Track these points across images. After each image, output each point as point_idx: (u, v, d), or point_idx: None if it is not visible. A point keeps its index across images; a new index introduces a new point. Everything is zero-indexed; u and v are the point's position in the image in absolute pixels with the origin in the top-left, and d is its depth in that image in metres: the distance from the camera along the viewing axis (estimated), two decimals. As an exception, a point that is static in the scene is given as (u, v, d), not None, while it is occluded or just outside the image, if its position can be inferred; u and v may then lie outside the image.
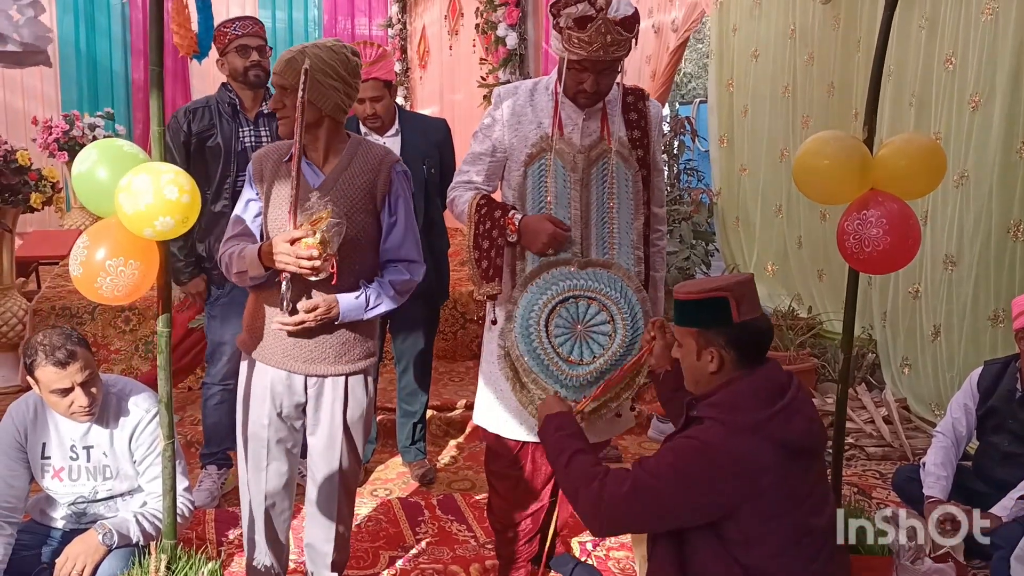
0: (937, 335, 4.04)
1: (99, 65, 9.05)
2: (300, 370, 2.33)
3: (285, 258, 2.12)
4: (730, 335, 1.91)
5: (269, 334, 2.31)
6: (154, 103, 1.91)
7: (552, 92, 2.45)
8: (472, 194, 2.48)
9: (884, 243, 2.27)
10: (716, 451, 1.83)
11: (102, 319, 4.49)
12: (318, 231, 2.11)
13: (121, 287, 1.90)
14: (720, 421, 1.86)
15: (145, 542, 2.34)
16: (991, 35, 3.69)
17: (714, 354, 1.92)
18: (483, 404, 2.60)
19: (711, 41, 5.98)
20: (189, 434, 3.85)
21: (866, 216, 2.30)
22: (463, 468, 3.83)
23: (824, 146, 2.33)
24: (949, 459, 2.95)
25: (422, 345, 3.63)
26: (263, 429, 2.37)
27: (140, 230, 1.86)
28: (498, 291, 2.44)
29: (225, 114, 3.20)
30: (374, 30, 9.99)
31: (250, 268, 2.20)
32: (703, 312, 1.93)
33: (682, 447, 1.88)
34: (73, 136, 6.74)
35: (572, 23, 2.23)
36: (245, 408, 2.39)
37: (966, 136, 3.83)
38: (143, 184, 1.81)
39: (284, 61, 2.19)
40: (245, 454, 2.41)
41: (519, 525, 2.63)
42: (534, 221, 2.38)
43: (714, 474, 1.82)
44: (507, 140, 2.47)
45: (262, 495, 2.42)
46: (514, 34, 6.75)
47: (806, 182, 2.39)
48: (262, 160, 2.32)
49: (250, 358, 2.37)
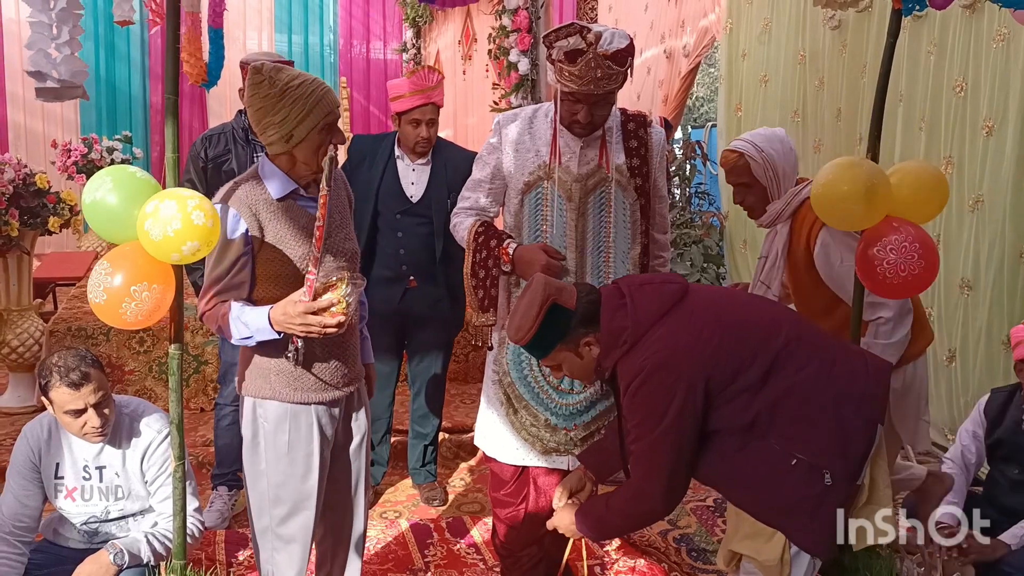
0: (952, 359, 4.02)
1: (118, 89, 9.20)
2: (342, 393, 2.28)
3: (310, 329, 2.04)
4: (580, 321, 2.01)
5: (312, 370, 2.20)
6: (169, 130, 1.95)
7: (551, 120, 2.44)
8: (472, 220, 2.51)
9: (920, 267, 2.25)
10: (654, 365, 1.91)
11: (117, 340, 4.54)
12: (340, 297, 2.04)
13: (144, 312, 1.92)
14: (623, 354, 1.96)
15: (156, 562, 2.36)
16: (1003, 60, 3.71)
17: (589, 342, 2.02)
18: (483, 427, 2.61)
19: (721, 66, 6.02)
20: (201, 455, 3.88)
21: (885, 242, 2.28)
22: (473, 491, 3.83)
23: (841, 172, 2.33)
24: (959, 485, 2.94)
25: (436, 370, 3.66)
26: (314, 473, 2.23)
27: (167, 256, 1.88)
28: (492, 322, 2.48)
29: (240, 140, 3.26)
30: (389, 55, 10.11)
31: (257, 335, 2.09)
32: (550, 329, 2.01)
33: (634, 403, 1.95)
34: (92, 159, 6.82)
35: (563, 56, 2.23)
36: (289, 460, 2.22)
37: (980, 161, 3.84)
38: (171, 210, 1.83)
39: None
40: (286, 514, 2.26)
41: (524, 551, 2.64)
42: (528, 252, 2.39)
43: (676, 375, 1.90)
44: (506, 166, 2.49)
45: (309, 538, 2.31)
46: (526, 60, 6.84)
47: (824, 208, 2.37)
48: (251, 206, 2.12)
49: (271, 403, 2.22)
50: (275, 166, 2.15)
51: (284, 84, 2.03)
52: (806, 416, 1.94)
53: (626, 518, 2.08)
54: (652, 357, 1.92)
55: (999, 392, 3.00)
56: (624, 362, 1.97)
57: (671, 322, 1.96)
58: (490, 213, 2.55)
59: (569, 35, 2.24)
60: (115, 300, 1.87)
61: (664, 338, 1.94)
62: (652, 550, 3.17)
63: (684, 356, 1.92)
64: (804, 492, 1.94)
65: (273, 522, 2.26)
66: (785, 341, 1.97)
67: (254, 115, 2.09)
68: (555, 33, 2.28)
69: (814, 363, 1.98)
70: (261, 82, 2.05)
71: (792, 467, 1.94)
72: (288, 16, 9.88)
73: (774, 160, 2.61)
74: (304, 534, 2.27)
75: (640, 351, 1.94)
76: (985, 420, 2.97)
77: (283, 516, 2.25)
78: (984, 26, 3.82)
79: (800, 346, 1.99)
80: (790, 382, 1.94)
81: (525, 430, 2.43)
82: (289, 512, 2.25)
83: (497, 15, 7.04)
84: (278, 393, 2.20)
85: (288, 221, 2.14)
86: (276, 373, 2.19)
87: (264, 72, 2.05)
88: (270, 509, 2.26)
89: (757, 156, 2.61)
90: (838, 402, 1.96)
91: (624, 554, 3.15)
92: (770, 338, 1.97)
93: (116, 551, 2.34)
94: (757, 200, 2.67)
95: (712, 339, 1.94)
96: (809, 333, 2.05)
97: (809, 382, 1.96)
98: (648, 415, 1.93)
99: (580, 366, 2.05)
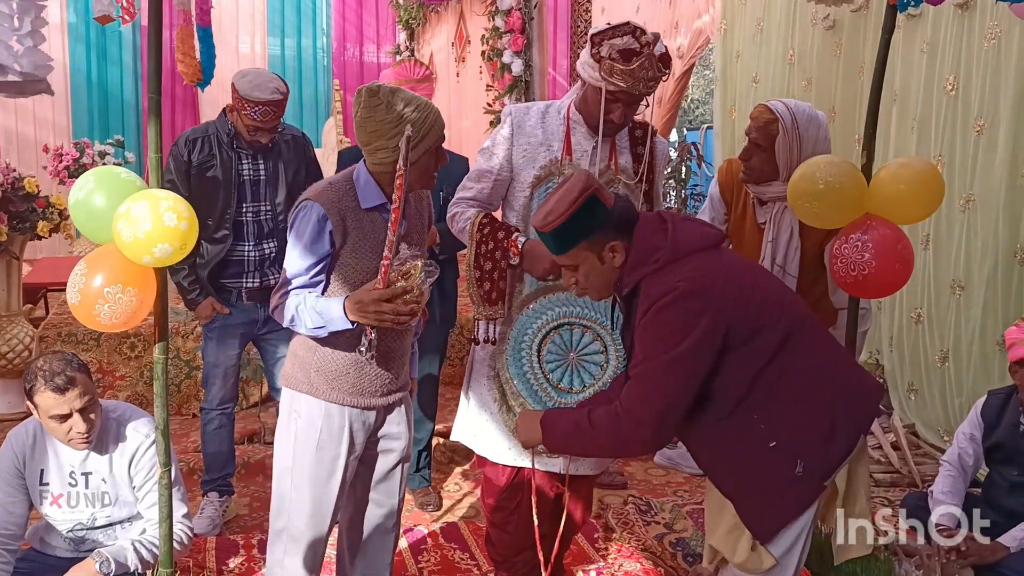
0: (945, 360, 4.00)
1: (110, 93, 9.16)
2: (381, 401, 2.30)
3: (384, 316, 2.06)
4: (613, 224, 1.94)
5: (352, 372, 2.23)
6: (151, 130, 1.92)
7: (564, 117, 2.45)
8: (474, 211, 2.46)
9: (871, 267, 2.28)
10: (687, 288, 1.85)
11: (107, 345, 4.50)
12: (414, 284, 2.07)
13: (119, 314, 1.90)
14: (654, 270, 1.89)
15: (143, 570, 2.33)
16: (995, 60, 3.69)
17: (615, 247, 1.93)
18: (471, 425, 2.57)
19: (716, 67, 6.01)
20: (192, 461, 3.84)
21: (855, 240, 2.31)
22: (468, 495, 3.80)
23: (818, 170, 2.35)
24: (957, 488, 2.92)
25: (432, 372, 3.63)
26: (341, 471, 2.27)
27: (139, 257, 1.86)
28: (501, 314, 2.42)
29: (224, 144, 3.18)
30: (382, 57, 10.09)
31: (329, 324, 2.11)
32: (581, 223, 1.92)
33: (655, 320, 1.87)
34: (83, 163, 6.78)
35: (617, 54, 2.25)
36: (317, 452, 2.24)
37: (971, 160, 3.83)
38: (142, 211, 1.81)
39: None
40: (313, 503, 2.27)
41: (519, 556, 2.60)
42: (538, 245, 2.36)
43: (705, 304, 1.84)
44: (516, 158, 2.46)
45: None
46: (520, 61, 6.82)
47: (801, 206, 2.40)
48: (341, 212, 2.15)
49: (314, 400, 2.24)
50: (371, 177, 2.17)
51: (400, 109, 2.05)
52: (798, 404, 1.92)
53: (606, 437, 1.94)
54: (686, 279, 1.86)
55: (995, 394, 2.98)
56: (652, 279, 1.90)
57: (708, 257, 1.93)
58: (492, 206, 2.52)
59: (623, 35, 2.26)
60: (89, 301, 1.85)
61: (701, 267, 1.89)
62: (648, 554, 3.15)
63: (718, 290, 1.87)
64: (773, 476, 1.92)
65: (291, 523, 2.27)
66: (800, 324, 1.95)
67: (365, 136, 2.10)
68: (607, 32, 2.28)
69: (820, 357, 1.96)
70: (378, 105, 2.06)
71: (769, 449, 1.91)
72: (281, 19, 9.84)
73: (801, 142, 2.57)
74: (318, 540, 2.27)
75: (673, 272, 1.88)
76: (982, 423, 2.94)
77: (302, 517, 2.25)
78: (976, 25, 3.80)
79: (812, 336, 1.97)
80: (794, 366, 1.91)
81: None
82: (309, 514, 2.25)
83: (490, 16, 7.03)
84: (315, 389, 2.22)
85: (371, 232, 2.16)
86: (317, 370, 2.22)
87: (381, 95, 2.06)
88: (289, 509, 2.27)
89: (789, 128, 2.57)
90: (833, 401, 1.94)
91: (620, 558, 3.13)
92: (789, 315, 1.95)
93: (102, 559, 2.31)
94: (763, 166, 2.63)
95: (745, 288, 1.91)
96: (820, 328, 2.04)
97: (811, 372, 1.93)
98: (667, 335, 1.85)
99: (598, 273, 1.97)
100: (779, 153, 2.58)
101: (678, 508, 3.47)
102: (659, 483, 3.91)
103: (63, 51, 8.73)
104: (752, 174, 2.66)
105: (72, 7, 8.84)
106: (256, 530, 3.39)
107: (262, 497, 3.63)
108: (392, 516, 2.44)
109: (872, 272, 2.29)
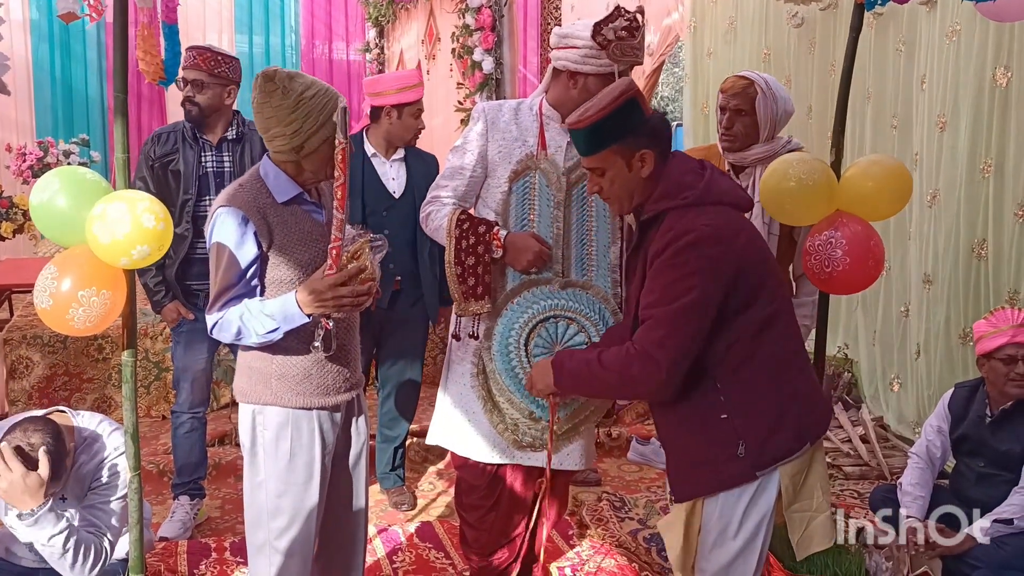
0: (919, 354, 4.06)
1: (74, 91, 9.00)
2: (345, 398, 2.22)
3: (343, 300, 1.99)
4: (647, 131, 1.93)
5: (315, 373, 2.15)
6: (118, 130, 1.89)
7: (536, 112, 2.46)
8: (450, 209, 2.45)
9: (844, 264, 2.31)
10: (711, 232, 1.84)
11: (75, 347, 4.43)
12: (365, 262, 2.01)
13: (93, 317, 1.87)
14: (681, 206, 1.89)
15: (75, 556, 2.26)
16: (955, 56, 3.74)
17: (645, 155, 1.92)
18: (449, 425, 2.55)
19: (686, 65, 6.03)
20: (163, 463, 3.79)
21: (828, 237, 2.34)
22: (442, 494, 3.79)
23: (790, 167, 2.37)
24: (925, 479, 2.96)
25: (412, 372, 3.62)
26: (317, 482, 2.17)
27: (116, 259, 1.82)
28: (488, 309, 2.40)
29: (188, 139, 3.17)
30: (352, 55, 10.01)
31: (284, 324, 2.01)
32: (617, 123, 1.91)
33: (674, 260, 1.85)
34: (47, 163, 6.68)
35: (624, 32, 2.29)
36: (290, 469, 2.15)
37: (936, 157, 3.88)
38: (119, 212, 1.78)
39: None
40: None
41: (495, 555, 2.60)
42: (520, 238, 2.37)
43: (725, 254, 1.84)
44: (491, 155, 2.46)
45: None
46: (490, 59, 6.80)
47: (773, 203, 2.42)
48: (260, 210, 2.05)
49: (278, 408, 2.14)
50: (279, 169, 2.08)
51: (298, 94, 1.97)
52: (758, 388, 1.92)
53: (617, 378, 1.92)
54: (712, 224, 1.85)
55: (962, 387, 3.02)
56: (677, 214, 1.89)
57: (735, 214, 1.94)
58: (466, 203, 2.51)
59: (615, 18, 2.31)
60: (62, 305, 1.81)
61: (727, 217, 1.90)
62: (622, 550, 3.16)
63: (740, 244, 1.88)
64: (715, 448, 1.94)
65: (271, 535, 2.17)
66: (783, 310, 1.98)
67: (263, 123, 2.03)
68: (605, 19, 2.32)
69: (789, 350, 1.98)
70: (273, 91, 1.97)
71: (719, 421, 1.92)
72: (248, 17, 9.72)
73: (777, 102, 2.65)
74: (304, 546, 2.19)
75: (700, 214, 1.88)
76: (950, 415, 2.98)
77: (282, 528, 2.16)
78: (937, 22, 3.85)
79: (788, 328, 1.99)
80: (764, 350, 1.92)
81: (503, 422, 2.39)
82: (289, 523, 2.16)
83: (460, 14, 7.00)
84: (280, 398, 2.12)
85: (294, 225, 2.09)
86: (278, 378, 2.11)
87: (277, 80, 1.97)
88: (268, 522, 2.17)
89: (766, 89, 2.65)
90: (789, 398, 1.95)
91: (595, 554, 3.14)
92: (778, 298, 1.97)
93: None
94: (746, 131, 2.69)
95: (762, 251, 1.94)
96: (795, 325, 2.06)
97: (778, 362, 1.95)
98: (684, 277, 1.84)
99: (624, 180, 1.95)
100: (760, 112, 2.66)
101: (651, 504, 3.49)
102: (632, 479, 3.92)
103: (25, 48, 8.57)
104: (736, 141, 2.72)
105: (35, 3, 8.68)
106: (228, 532, 3.36)
107: (234, 499, 3.60)
108: (361, 513, 2.37)
109: (845, 269, 2.32)
